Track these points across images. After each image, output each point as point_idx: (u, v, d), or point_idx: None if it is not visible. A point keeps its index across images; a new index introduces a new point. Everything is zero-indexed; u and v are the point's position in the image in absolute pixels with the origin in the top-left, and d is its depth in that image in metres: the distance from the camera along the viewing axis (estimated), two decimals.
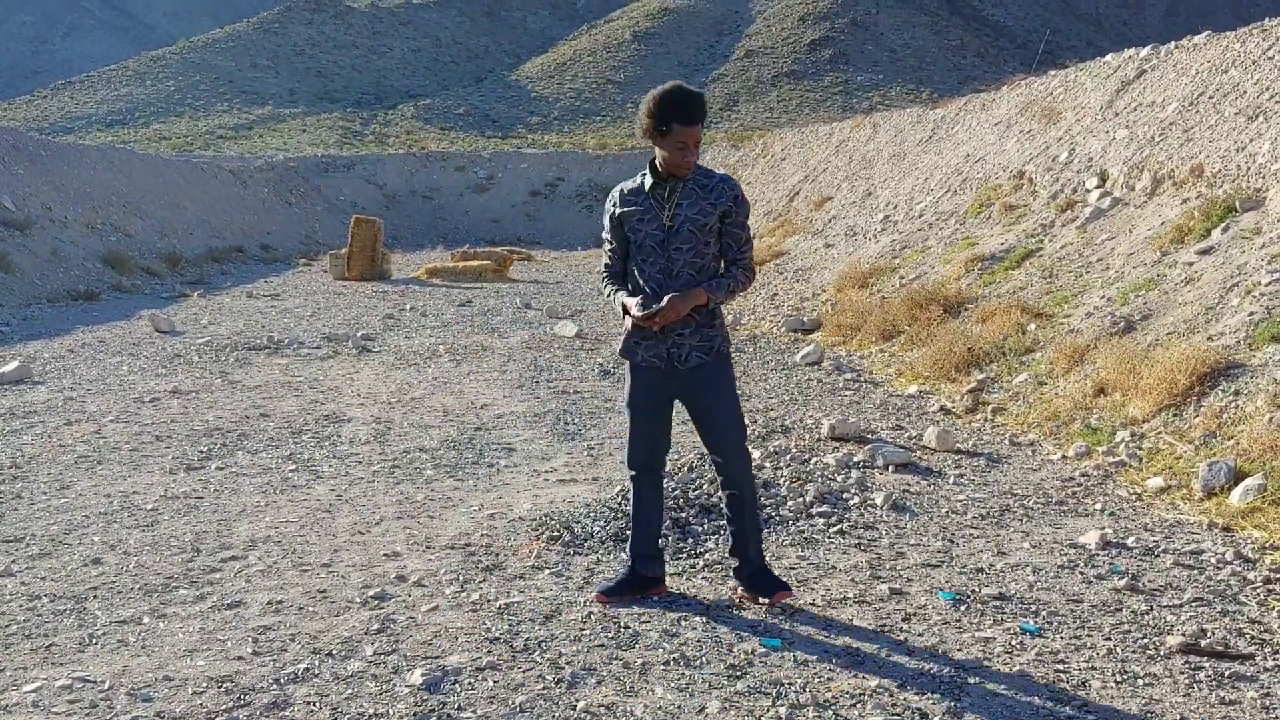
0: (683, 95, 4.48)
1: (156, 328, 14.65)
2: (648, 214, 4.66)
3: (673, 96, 4.48)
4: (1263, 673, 4.14)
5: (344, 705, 3.89)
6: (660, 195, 4.66)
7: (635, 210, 4.69)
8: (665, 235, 4.64)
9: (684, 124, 4.48)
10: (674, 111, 4.46)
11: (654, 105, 4.49)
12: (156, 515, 6.35)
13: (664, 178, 4.65)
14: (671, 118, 4.46)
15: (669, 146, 4.53)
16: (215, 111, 68.68)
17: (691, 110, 4.48)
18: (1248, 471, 6.24)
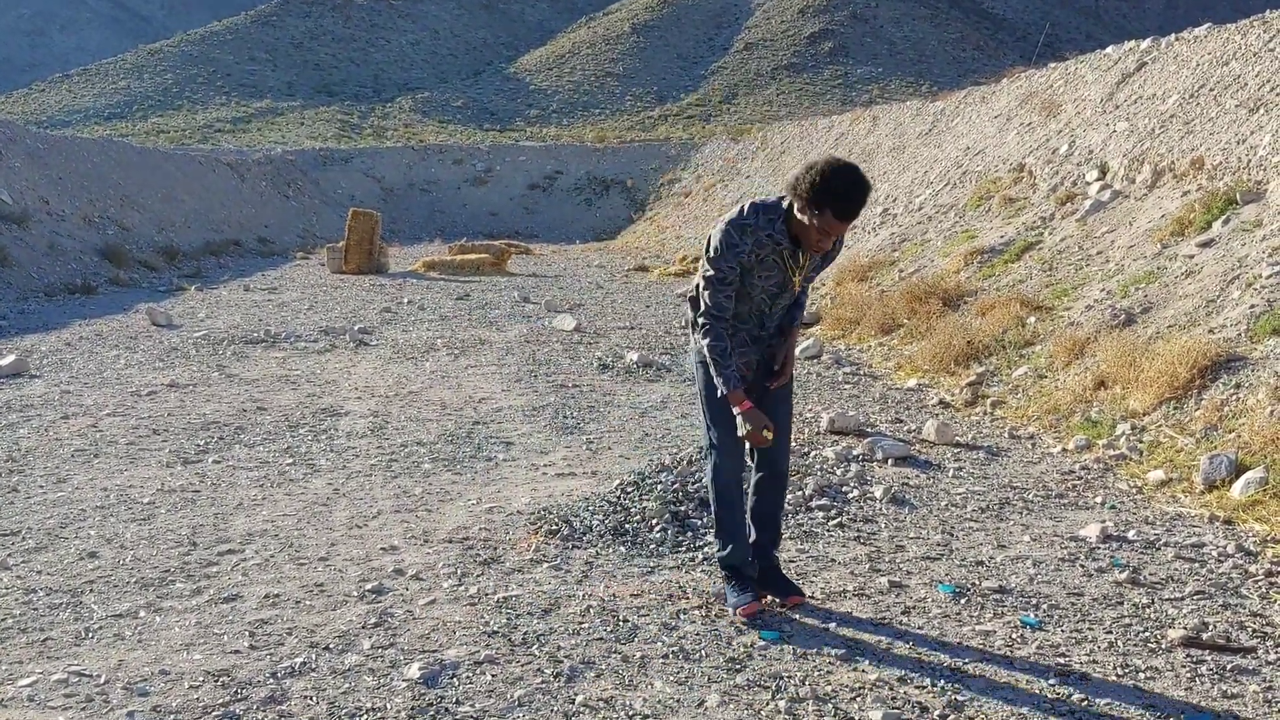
0: (848, 184, 4.09)
1: (153, 321, 14.61)
2: (771, 268, 4.40)
3: (840, 182, 4.08)
4: (1265, 666, 4.12)
5: (341, 699, 3.86)
6: (792, 255, 4.38)
7: (760, 260, 4.38)
8: (781, 290, 4.50)
9: (839, 218, 4.14)
10: (834, 202, 4.10)
11: (819, 181, 4.08)
12: (153, 509, 6.32)
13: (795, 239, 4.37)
14: (828, 205, 4.10)
15: (810, 226, 4.21)
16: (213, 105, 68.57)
17: (850, 206, 4.12)
18: (1249, 464, 6.22)
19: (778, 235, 4.34)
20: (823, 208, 4.11)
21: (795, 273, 4.44)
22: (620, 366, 11.11)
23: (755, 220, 4.36)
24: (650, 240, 32.24)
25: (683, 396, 9.65)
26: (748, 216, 4.37)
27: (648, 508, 5.95)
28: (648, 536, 5.66)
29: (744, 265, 4.38)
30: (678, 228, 32.38)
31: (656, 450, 7.60)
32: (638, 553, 5.47)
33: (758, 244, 4.35)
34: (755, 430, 4.40)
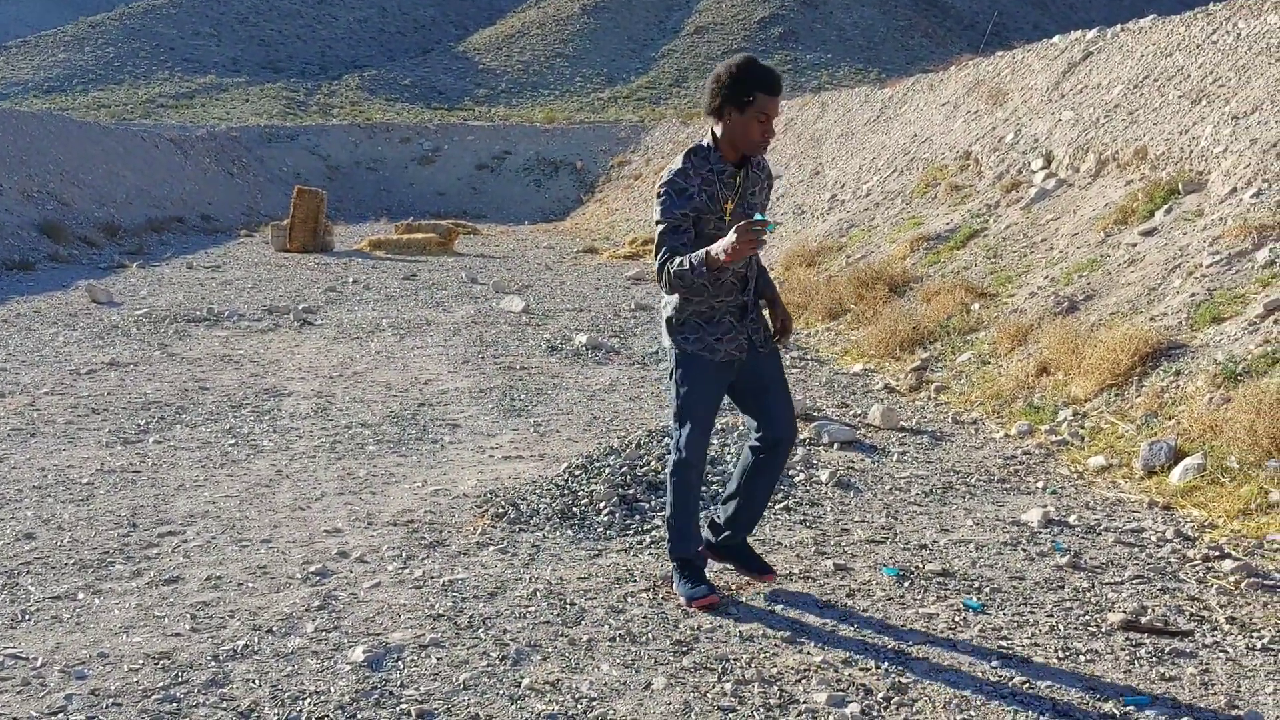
0: (763, 65, 4.24)
1: (94, 298, 14.37)
2: (712, 203, 4.35)
3: (755, 65, 4.22)
4: (1201, 649, 4.19)
5: (284, 683, 3.83)
6: (731, 183, 4.37)
7: (711, 197, 4.33)
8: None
9: (769, 94, 4.21)
10: (759, 80, 4.20)
11: (736, 72, 4.20)
12: (92, 489, 6.22)
13: (736, 162, 4.37)
14: (756, 87, 4.19)
15: (748, 120, 4.23)
16: (156, 79, 67.45)
17: (775, 79, 4.24)
18: (1187, 451, 6.32)
19: (716, 164, 4.35)
20: (754, 93, 4.19)
21: (733, 198, 4.38)
22: (569, 349, 11.08)
23: (691, 163, 4.36)
24: (600, 222, 32.17)
25: (631, 380, 9.65)
26: (684, 162, 4.37)
27: (595, 491, 5.94)
28: (595, 519, 5.66)
29: (698, 209, 4.32)
30: (627, 210, 32.34)
31: (605, 433, 7.59)
32: (585, 536, 5.47)
33: (704, 182, 4.33)
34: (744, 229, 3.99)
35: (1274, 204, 8.39)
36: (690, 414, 4.53)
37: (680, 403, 4.54)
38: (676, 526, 4.66)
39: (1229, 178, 9.35)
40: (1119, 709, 3.67)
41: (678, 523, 4.65)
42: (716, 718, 3.61)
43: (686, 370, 4.51)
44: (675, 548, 4.69)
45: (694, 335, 4.50)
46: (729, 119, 4.27)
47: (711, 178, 4.35)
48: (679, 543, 4.68)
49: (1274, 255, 7.84)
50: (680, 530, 4.66)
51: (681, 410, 4.55)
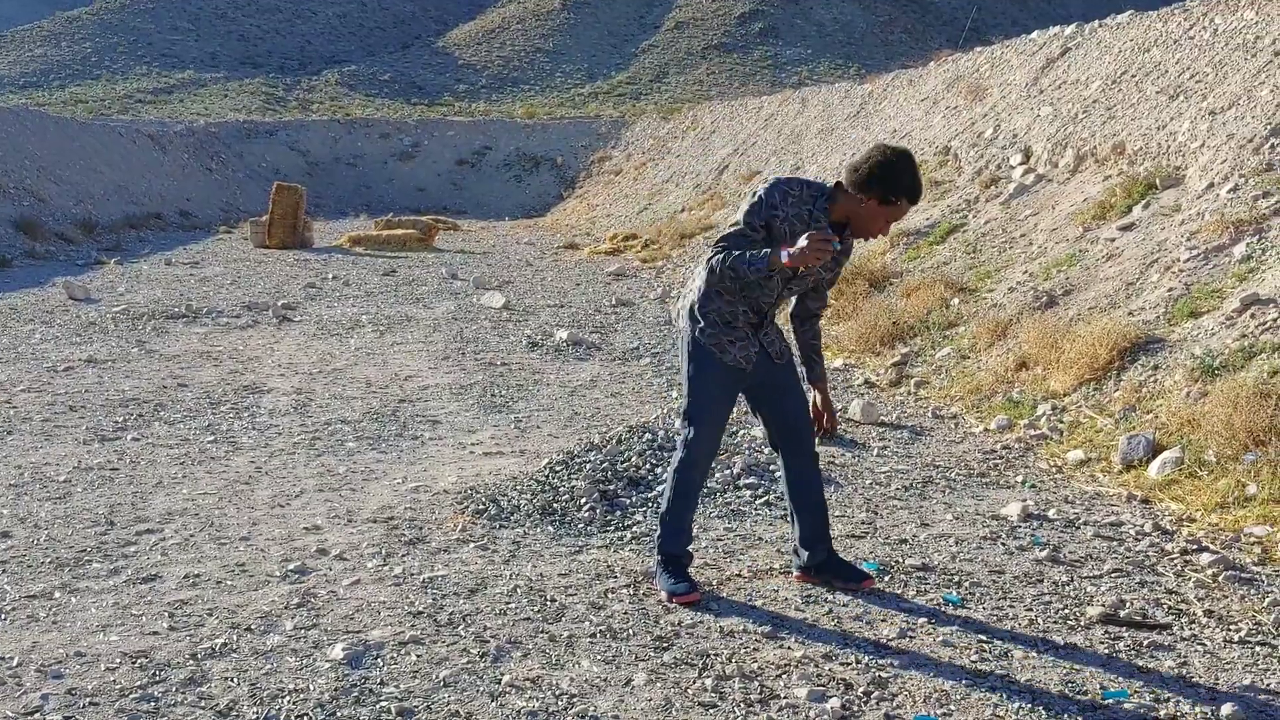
0: (918, 175, 4.28)
1: (71, 295, 14.27)
2: (790, 238, 4.25)
3: (915, 173, 4.24)
4: (1179, 642, 4.21)
5: (263, 680, 3.81)
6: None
7: (793, 232, 4.25)
8: (793, 276, 4.43)
9: (910, 203, 4.28)
10: (910, 190, 4.23)
11: (898, 171, 4.18)
12: (69, 487, 6.18)
13: (835, 223, 4.35)
14: (905, 194, 4.22)
15: (878, 215, 4.26)
16: (133, 75, 66.99)
17: (920, 192, 4.30)
18: (1166, 445, 6.35)
19: (818, 213, 4.32)
20: (900, 198, 4.21)
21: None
22: (549, 345, 11.07)
23: (800, 192, 4.35)
24: (580, 218, 32.13)
25: (612, 375, 9.64)
26: (794, 184, 4.36)
27: (576, 487, 5.93)
28: (576, 516, 5.65)
29: (772, 231, 4.31)
30: (608, 206, 32.31)
31: (586, 429, 7.59)
32: (566, 532, 5.46)
33: (798, 215, 4.31)
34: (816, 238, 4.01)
35: (1250, 199, 8.44)
36: (699, 415, 4.55)
37: (690, 401, 4.57)
38: (670, 522, 4.65)
39: (1206, 173, 9.40)
40: (1098, 702, 3.69)
41: (672, 519, 4.65)
42: (697, 713, 3.61)
43: (699, 366, 4.53)
44: (665, 543, 4.67)
45: (710, 330, 4.50)
46: (866, 202, 4.25)
47: (806, 218, 4.32)
48: (670, 538, 4.67)
49: (1250, 250, 7.88)
50: (673, 526, 4.66)
51: (691, 410, 4.58)
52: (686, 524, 4.68)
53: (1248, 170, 8.87)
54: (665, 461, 6.32)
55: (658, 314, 13.63)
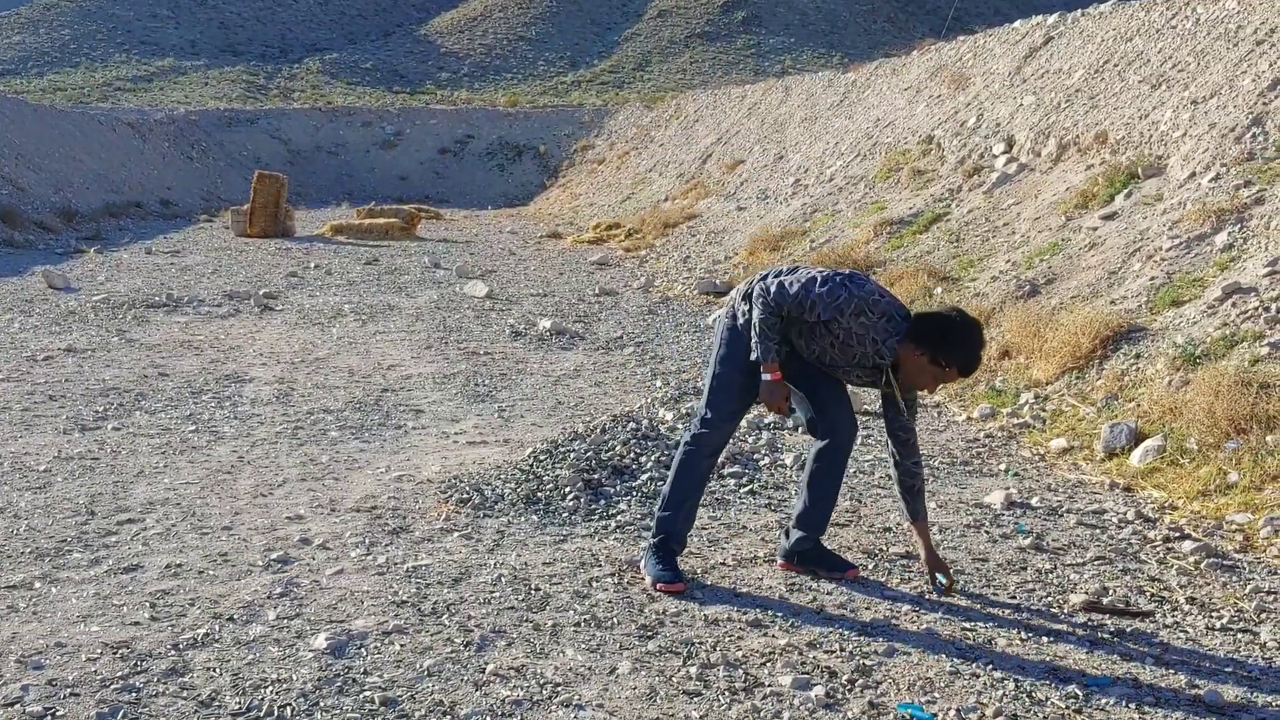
0: (979, 355, 4.33)
1: (50, 284, 14.17)
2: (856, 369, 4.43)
3: (977, 352, 4.30)
4: (1162, 629, 4.23)
5: (245, 670, 3.79)
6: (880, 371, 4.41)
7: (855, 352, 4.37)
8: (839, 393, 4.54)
9: (961, 375, 4.36)
10: (966, 366, 4.31)
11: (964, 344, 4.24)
12: (49, 477, 6.14)
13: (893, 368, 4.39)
14: (959, 366, 4.30)
15: (925, 371, 4.31)
16: (113, 62, 66.51)
17: (975, 370, 4.39)
18: (1147, 433, 6.37)
19: (885, 350, 4.34)
20: (953, 368, 4.28)
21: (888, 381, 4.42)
22: (533, 334, 11.05)
23: (876, 318, 4.33)
24: (564, 207, 32.07)
25: (595, 365, 9.63)
26: (874, 306, 4.32)
27: (560, 476, 5.92)
28: (560, 505, 5.64)
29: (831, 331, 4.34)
30: (591, 195, 32.26)
31: (569, 418, 7.57)
32: (550, 521, 5.45)
33: (860, 338, 4.33)
34: (774, 400, 4.42)
35: (1232, 188, 8.47)
36: (716, 401, 4.58)
37: (711, 385, 4.61)
38: (669, 497, 4.65)
39: (1188, 162, 9.43)
40: (1081, 689, 3.70)
41: (671, 496, 4.66)
42: (682, 702, 3.61)
43: (729, 351, 4.57)
44: (662, 522, 4.66)
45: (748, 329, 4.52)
46: (920, 358, 4.28)
47: (871, 351, 4.35)
48: (667, 517, 4.65)
49: (1232, 239, 7.91)
50: (672, 504, 4.64)
51: (710, 394, 4.61)
52: (686, 506, 4.66)
53: (1229, 159, 8.90)
54: (649, 450, 6.33)
55: (641, 303, 13.62)
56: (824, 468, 4.64)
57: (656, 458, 6.25)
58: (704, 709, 3.56)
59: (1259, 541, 5.15)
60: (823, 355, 4.44)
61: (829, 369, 4.52)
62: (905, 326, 4.33)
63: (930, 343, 4.24)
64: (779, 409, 4.46)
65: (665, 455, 6.31)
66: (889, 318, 4.34)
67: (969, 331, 4.25)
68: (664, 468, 6.13)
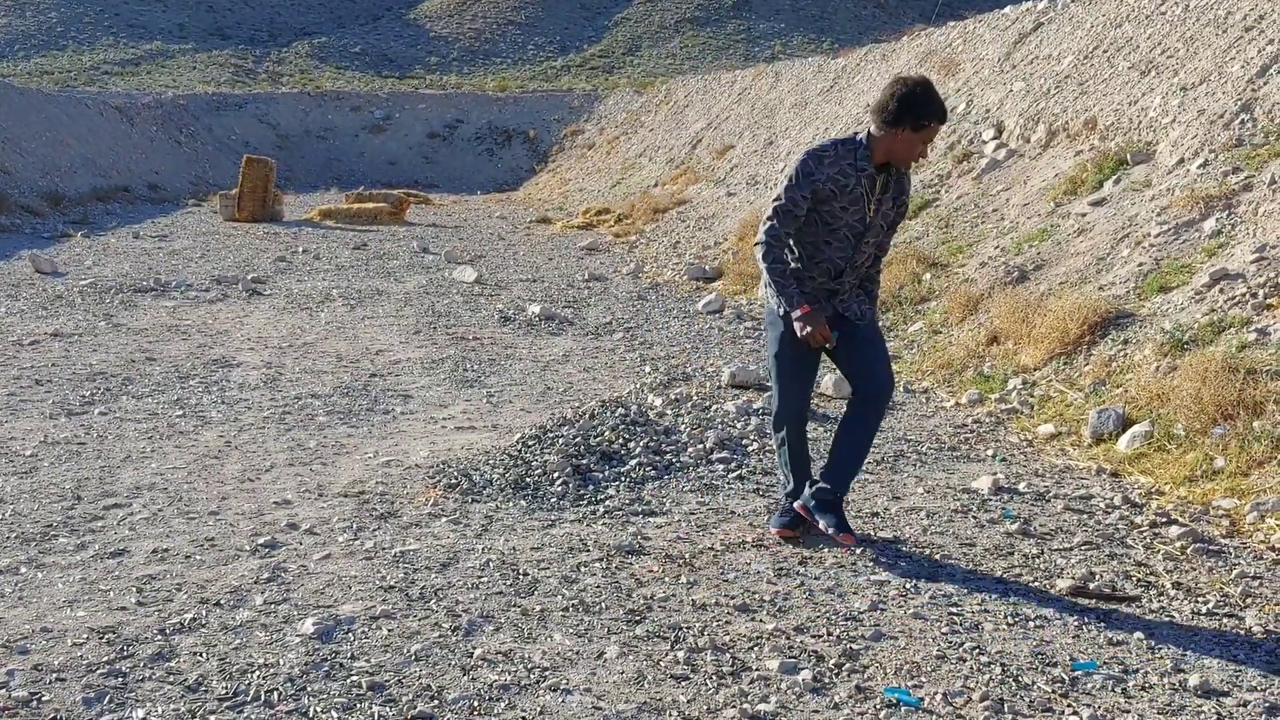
0: (940, 96, 4.55)
1: (37, 268, 14.11)
2: (853, 200, 4.61)
3: (936, 94, 4.51)
4: (1148, 614, 4.24)
5: (232, 655, 3.78)
6: (871, 184, 4.62)
7: (841, 189, 4.59)
8: (863, 228, 4.68)
9: (940, 123, 4.54)
10: (938, 111, 4.50)
11: (922, 96, 4.45)
12: (35, 461, 6.12)
13: (879, 165, 4.61)
14: (934, 116, 4.49)
15: (911, 141, 4.51)
16: (100, 45, 66.09)
17: (945, 112, 4.58)
18: (1135, 418, 6.39)
19: (860, 162, 4.57)
20: (930, 120, 4.47)
21: (870, 200, 4.62)
22: (522, 319, 11.03)
23: (835, 151, 4.61)
24: (553, 192, 32.00)
25: (585, 350, 9.62)
26: (827, 148, 4.63)
27: (549, 461, 5.92)
28: (549, 490, 5.64)
29: (819, 196, 4.58)
30: (580, 180, 32.19)
31: (558, 404, 7.57)
32: (538, 506, 5.45)
33: (840, 173, 4.57)
34: (816, 329, 4.62)
35: (1220, 175, 8.48)
36: (778, 375, 4.89)
37: (771, 366, 4.94)
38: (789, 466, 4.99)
39: (1177, 148, 9.43)
40: (1067, 674, 3.71)
41: (792, 472, 4.99)
42: (669, 686, 3.61)
43: (773, 331, 4.85)
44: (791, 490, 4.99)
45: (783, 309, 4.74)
46: (899, 133, 4.50)
47: (850, 171, 4.58)
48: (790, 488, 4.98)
49: (1220, 225, 7.92)
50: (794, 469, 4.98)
51: (771, 372, 4.95)
52: (792, 474, 4.98)
53: (1218, 146, 8.91)
54: (637, 436, 6.34)
55: (630, 288, 13.60)
56: (858, 422, 4.87)
57: (645, 443, 6.25)
58: (691, 693, 3.57)
59: (1245, 526, 5.17)
60: (847, 230, 4.66)
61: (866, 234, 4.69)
62: (863, 136, 4.59)
63: (906, 114, 4.46)
64: (823, 337, 4.66)
65: (654, 441, 6.32)
66: (845, 142, 4.63)
67: (926, 87, 4.49)
68: (653, 453, 6.14)
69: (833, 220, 4.65)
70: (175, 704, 3.45)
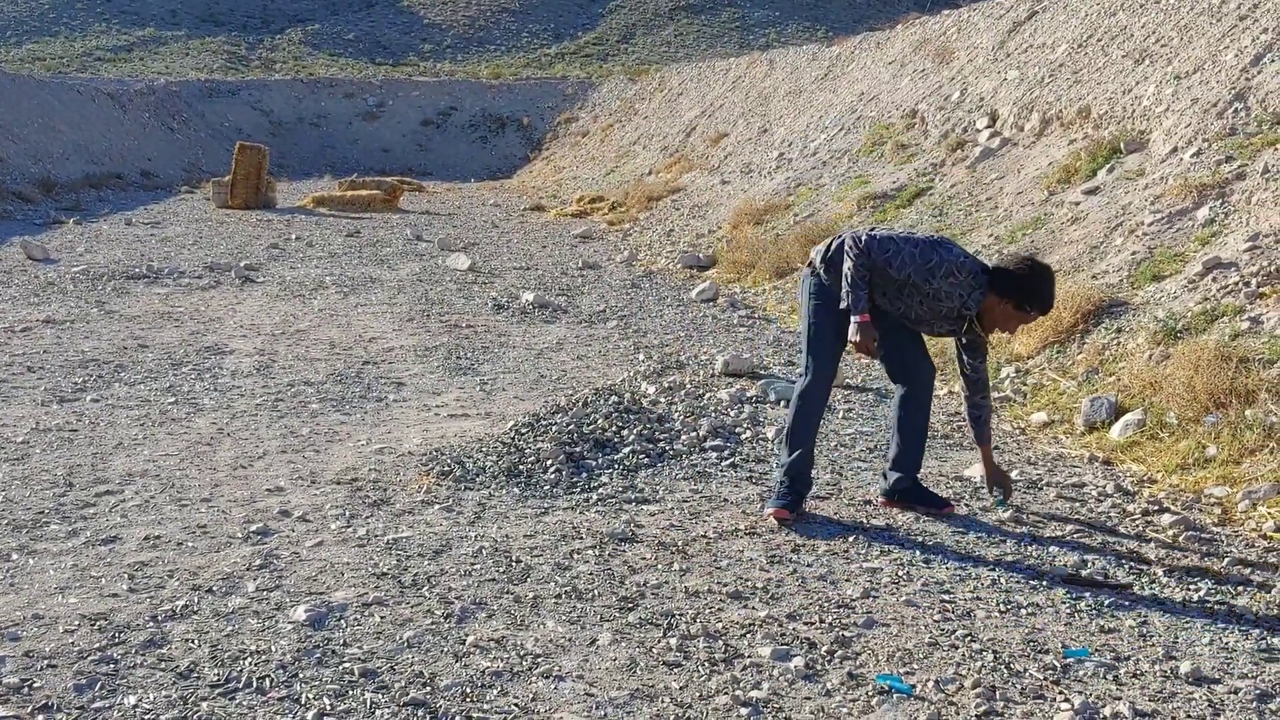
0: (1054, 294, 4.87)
1: (29, 255, 14.06)
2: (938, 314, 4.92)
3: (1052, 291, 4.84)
4: (1140, 602, 4.25)
5: (224, 642, 3.78)
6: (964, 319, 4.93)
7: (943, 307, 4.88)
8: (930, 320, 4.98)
9: (1040, 314, 4.88)
10: (1045, 305, 4.84)
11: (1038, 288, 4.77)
12: (27, 448, 6.10)
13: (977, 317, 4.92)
14: (1039, 308, 4.83)
15: (1011, 318, 4.86)
16: (92, 32, 65.83)
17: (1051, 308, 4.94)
18: (1128, 407, 6.40)
19: (971, 304, 4.86)
20: (1034, 311, 4.83)
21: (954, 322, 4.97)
22: (515, 307, 11.02)
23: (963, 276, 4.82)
24: (547, 180, 31.95)
25: (578, 338, 9.61)
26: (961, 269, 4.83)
27: (542, 449, 5.91)
28: (542, 478, 5.64)
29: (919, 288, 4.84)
30: (574, 168, 32.13)
31: (552, 391, 7.56)
32: (531, 494, 5.45)
33: (949, 294, 4.83)
34: (866, 340, 4.87)
35: (1213, 164, 8.48)
36: (816, 347, 5.08)
37: (808, 335, 5.10)
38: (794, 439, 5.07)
39: (1170, 137, 9.43)
40: (1059, 661, 3.72)
41: (796, 436, 5.08)
42: (662, 673, 3.62)
43: (819, 303, 5.05)
44: (789, 467, 5.07)
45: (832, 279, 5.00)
46: (1005, 305, 4.82)
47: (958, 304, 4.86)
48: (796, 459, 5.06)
49: (1213, 214, 7.93)
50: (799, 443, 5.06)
51: (809, 342, 5.10)
52: (808, 445, 5.09)
53: (1211, 134, 8.91)
54: (631, 424, 6.33)
55: (624, 276, 13.59)
56: (911, 412, 5.20)
57: (639, 431, 6.25)
58: (684, 680, 3.57)
59: (1237, 515, 5.19)
60: (908, 311, 4.96)
61: (914, 324, 5.04)
62: (986, 280, 4.83)
63: (1014, 292, 4.77)
64: (869, 350, 4.93)
65: (647, 428, 6.31)
66: (974, 274, 4.84)
67: (1046, 277, 4.79)
68: (646, 441, 6.14)
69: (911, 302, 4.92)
70: (167, 691, 3.45)
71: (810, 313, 5.08)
